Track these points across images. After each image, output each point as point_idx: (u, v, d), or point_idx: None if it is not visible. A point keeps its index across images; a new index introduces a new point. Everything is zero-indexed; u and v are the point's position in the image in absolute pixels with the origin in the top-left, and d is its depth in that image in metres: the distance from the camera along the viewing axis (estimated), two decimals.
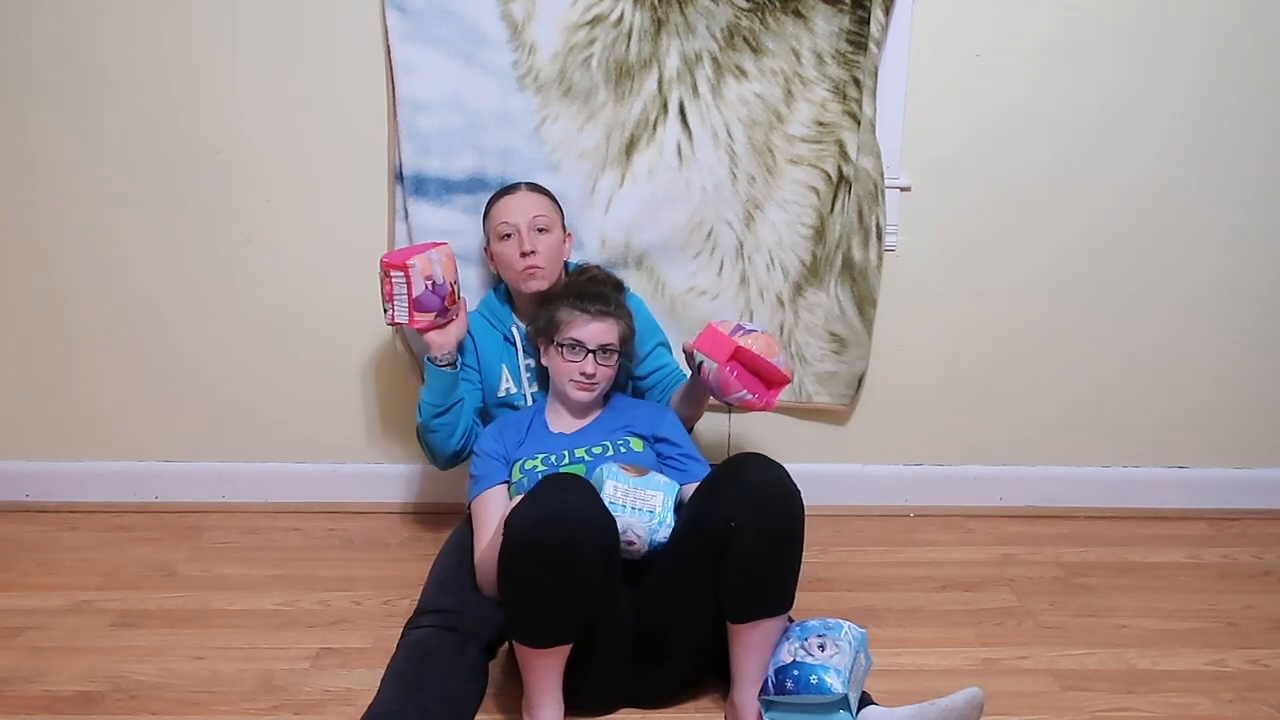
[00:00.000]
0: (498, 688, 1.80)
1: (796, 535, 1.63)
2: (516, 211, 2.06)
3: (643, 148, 2.25)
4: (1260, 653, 1.92)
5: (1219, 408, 2.48)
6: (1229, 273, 2.39)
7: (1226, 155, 2.31)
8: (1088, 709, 1.75)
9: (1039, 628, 2.00)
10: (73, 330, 2.43)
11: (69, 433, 2.50)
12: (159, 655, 1.90)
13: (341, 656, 1.90)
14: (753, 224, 2.31)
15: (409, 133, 2.22)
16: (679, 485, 1.81)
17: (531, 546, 1.53)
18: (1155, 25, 2.23)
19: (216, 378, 2.45)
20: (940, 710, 1.51)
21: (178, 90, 2.26)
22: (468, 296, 2.28)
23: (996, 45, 2.24)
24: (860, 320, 2.36)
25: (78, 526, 2.43)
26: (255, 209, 2.34)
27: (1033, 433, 2.50)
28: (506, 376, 2.13)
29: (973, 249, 2.37)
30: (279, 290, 2.39)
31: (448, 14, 2.16)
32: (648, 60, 2.21)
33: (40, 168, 2.32)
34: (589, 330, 1.95)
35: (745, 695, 1.65)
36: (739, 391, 1.90)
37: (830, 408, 2.46)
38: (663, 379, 2.19)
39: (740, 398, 1.90)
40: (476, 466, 1.98)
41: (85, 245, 2.37)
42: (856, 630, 1.61)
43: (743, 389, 1.90)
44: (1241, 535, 2.41)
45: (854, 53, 2.20)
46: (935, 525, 2.46)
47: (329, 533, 2.40)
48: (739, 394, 1.90)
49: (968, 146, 2.30)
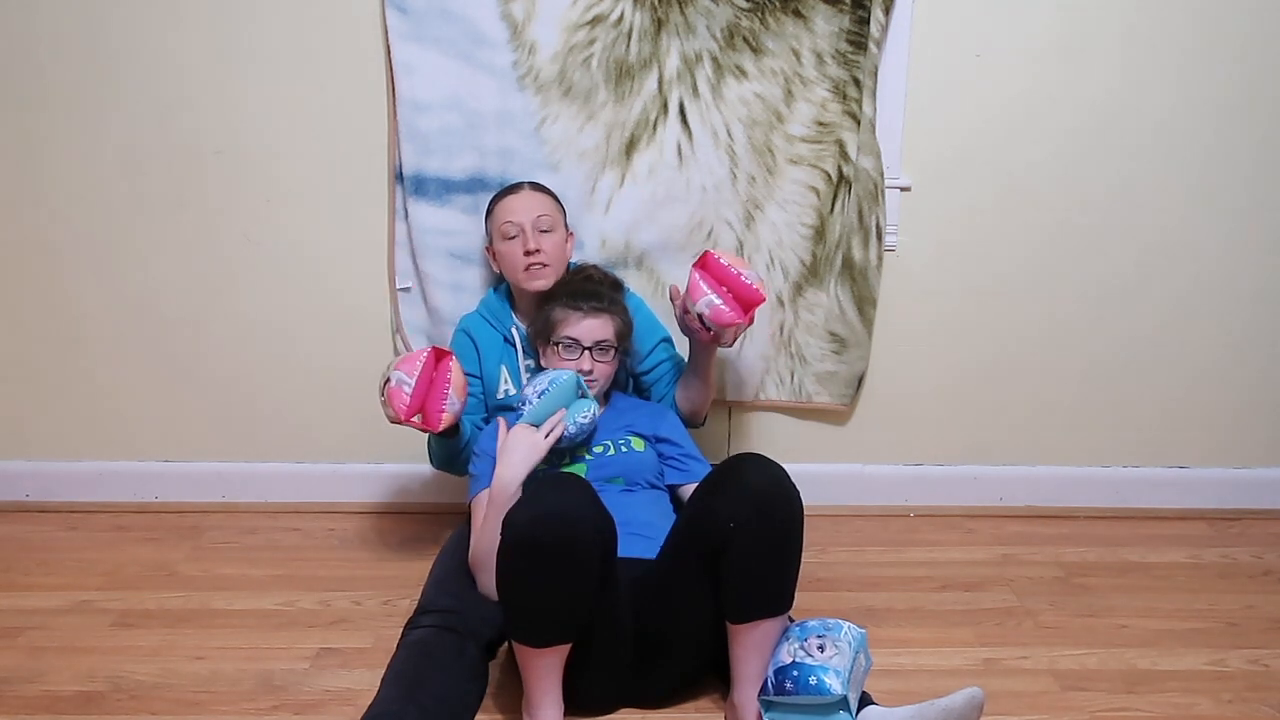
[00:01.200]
0: (498, 688, 1.80)
1: (796, 536, 1.63)
2: (521, 211, 2.07)
3: (643, 148, 2.25)
4: (1260, 653, 1.92)
5: (1219, 408, 2.48)
6: (1229, 272, 2.39)
7: (1226, 153, 2.31)
8: (1088, 709, 1.75)
9: (1039, 628, 2.00)
10: (73, 330, 2.43)
11: (69, 433, 2.50)
12: (159, 655, 1.90)
13: (341, 656, 1.90)
14: (753, 224, 2.31)
15: (409, 133, 2.22)
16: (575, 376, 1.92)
17: (530, 545, 1.53)
18: (1153, 25, 2.23)
19: (217, 378, 2.46)
20: (940, 710, 1.51)
21: (178, 90, 2.26)
22: (468, 296, 2.28)
23: (996, 45, 2.24)
24: (860, 320, 2.36)
25: (78, 526, 2.43)
26: (255, 209, 2.34)
27: (1033, 433, 2.50)
28: (506, 378, 2.13)
29: (972, 249, 2.37)
30: (279, 290, 2.39)
31: (448, 14, 2.16)
32: (648, 60, 2.21)
33: (40, 168, 2.32)
34: (583, 327, 1.96)
35: (745, 695, 1.65)
36: (705, 295, 1.91)
37: (830, 408, 2.46)
38: (666, 372, 2.19)
39: (709, 302, 1.91)
40: (476, 466, 1.98)
41: (85, 245, 2.37)
42: (856, 631, 1.61)
43: (712, 293, 1.91)
44: (1241, 535, 2.41)
45: (854, 53, 2.20)
46: (935, 525, 2.46)
47: (329, 533, 2.40)
48: (706, 298, 1.91)
49: (967, 146, 2.30)
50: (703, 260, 1.96)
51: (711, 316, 1.92)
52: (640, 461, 1.98)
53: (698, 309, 1.92)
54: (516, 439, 1.87)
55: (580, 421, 1.91)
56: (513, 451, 1.86)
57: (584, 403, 1.93)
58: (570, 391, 1.91)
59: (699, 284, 1.93)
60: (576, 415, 1.91)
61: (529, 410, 1.88)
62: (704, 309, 1.92)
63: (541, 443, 1.86)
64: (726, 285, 1.93)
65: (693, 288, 1.93)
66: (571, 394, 1.91)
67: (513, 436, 1.87)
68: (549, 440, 1.87)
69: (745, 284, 1.92)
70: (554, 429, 1.88)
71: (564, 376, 1.90)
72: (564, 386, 1.89)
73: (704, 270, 1.95)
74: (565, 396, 1.90)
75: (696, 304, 1.92)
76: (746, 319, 1.95)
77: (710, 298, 1.91)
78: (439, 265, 2.29)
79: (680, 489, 2.01)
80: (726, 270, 1.92)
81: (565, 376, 1.90)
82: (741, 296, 1.93)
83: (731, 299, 1.93)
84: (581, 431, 1.92)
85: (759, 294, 1.93)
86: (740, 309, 1.93)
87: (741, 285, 1.92)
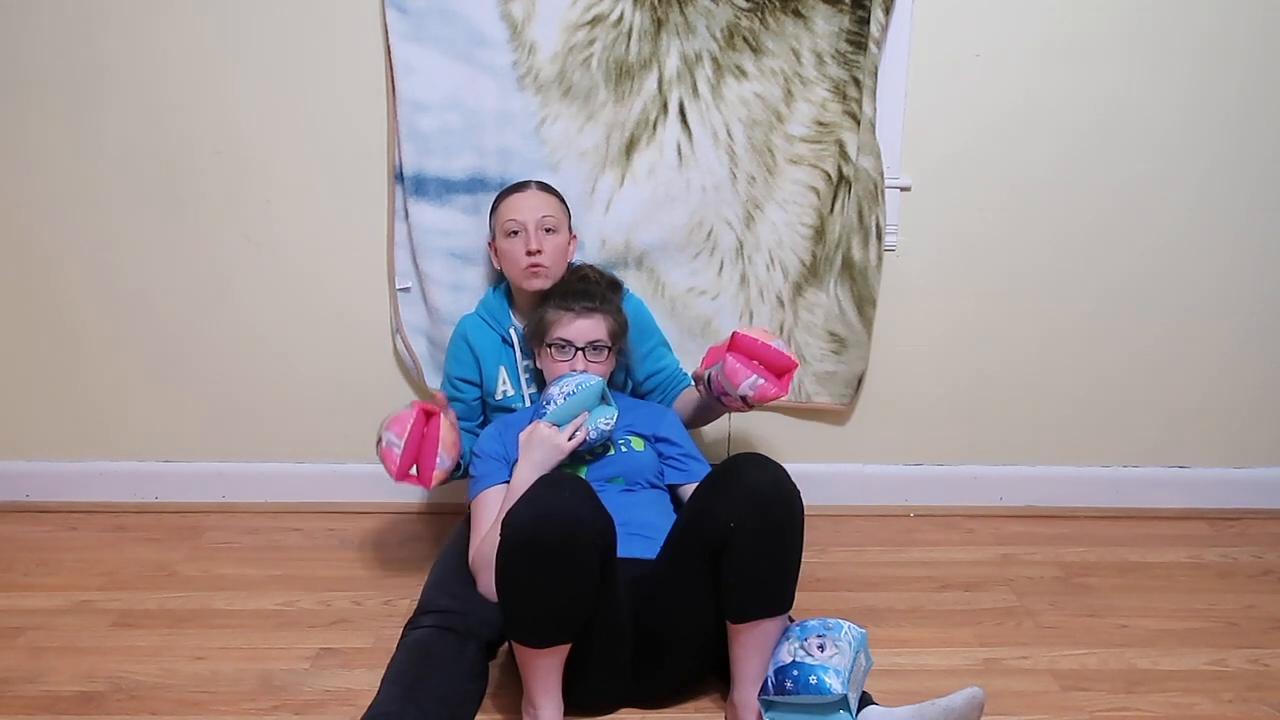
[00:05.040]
0: (497, 688, 1.80)
1: (796, 535, 1.63)
2: (526, 210, 2.06)
3: (643, 148, 2.25)
4: (1260, 653, 1.92)
5: (1219, 408, 2.48)
6: (1229, 273, 2.39)
7: (1226, 155, 2.31)
8: (1088, 709, 1.75)
9: (1039, 628, 2.00)
10: (72, 330, 2.43)
11: (69, 433, 2.50)
12: (159, 655, 1.90)
13: (341, 656, 1.90)
14: (753, 224, 2.31)
15: (409, 133, 2.23)
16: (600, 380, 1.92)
17: (529, 545, 1.53)
18: (1155, 25, 2.23)
19: (216, 378, 2.46)
20: (940, 710, 1.51)
21: (177, 90, 2.26)
22: (468, 296, 2.28)
23: (996, 45, 2.24)
24: (860, 320, 2.36)
25: (78, 526, 2.43)
26: (255, 209, 2.34)
27: (1033, 433, 2.50)
28: (504, 378, 2.13)
29: (973, 249, 2.37)
30: (279, 290, 2.39)
31: (448, 14, 2.16)
32: (648, 60, 2.21)
33: (40, 168, 2.32)
34: (575, 328, 1.96)
35: (745, 695, 1.65)
36: (749, 378, 1.90)
37: (830, 408, 2.46)
38: (663, 381, 2.20)
39: (753, 384, 1.91)
40: (476, 467, 1.98)
41: (85, 245, 2.37)
42: (856, 630, 1.61)
43: (752, 374, 1.90)
44: (1241, 535, 2.41)
45: (854, 53, 2.20)
46: (935, 525, 2.46)
47: (329, 533, 2.40)
48: (750, 380, 1.91)
49: (968, 146, 2.30)
50: (732, 342, 1.94)
51: (756, 397, 1.93)
52: (640, 462, 1.98)
53: (740, 392, 1.93)
54: (540, 438, 1.86)
55: (602, 427, 1.91)
56: (535, 450, 1.85)
57: (607, 408, 1.93)
58: (595, 396, 1.90)
59: (737, 368, 1.92)
60: (599, 420, 1.91)
61: (552, 410, 1.87)
62: (748, 391, 1.92)
63: (565, 445, 1.86)
64: (759, 359, 1.93)
65: (732, 373, 1.92)
66: (596, 398, 1.91)
67: (536, 435, 1.86)
68: (572, 444, 1.86)
69: (777, 352, 1.92)
70: (577, 432, 1.87)
71: (591, 380, 1.89)
72: (590, 391, 1.89)
73: (736, 351, 1.93)
74: (590, 400, 1.89)
75: (739, 387, 1.92)
76: (786, 389, 1.95)
77: (753, 379, 1.91)
78: (439, 265, 2.29)
79: (680, 489, 2.01)
80: (755, 343, 1.92)
81: (593, 381, 1.89)
82: (775, 365, 1.93)
83: (769, 373, 1.93)
84: (601, 437, 1.92)
85: (792, 360, 1.94)
86: (776, 378, 1.94)
87: (774, 354, 1.92)
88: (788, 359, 1.93)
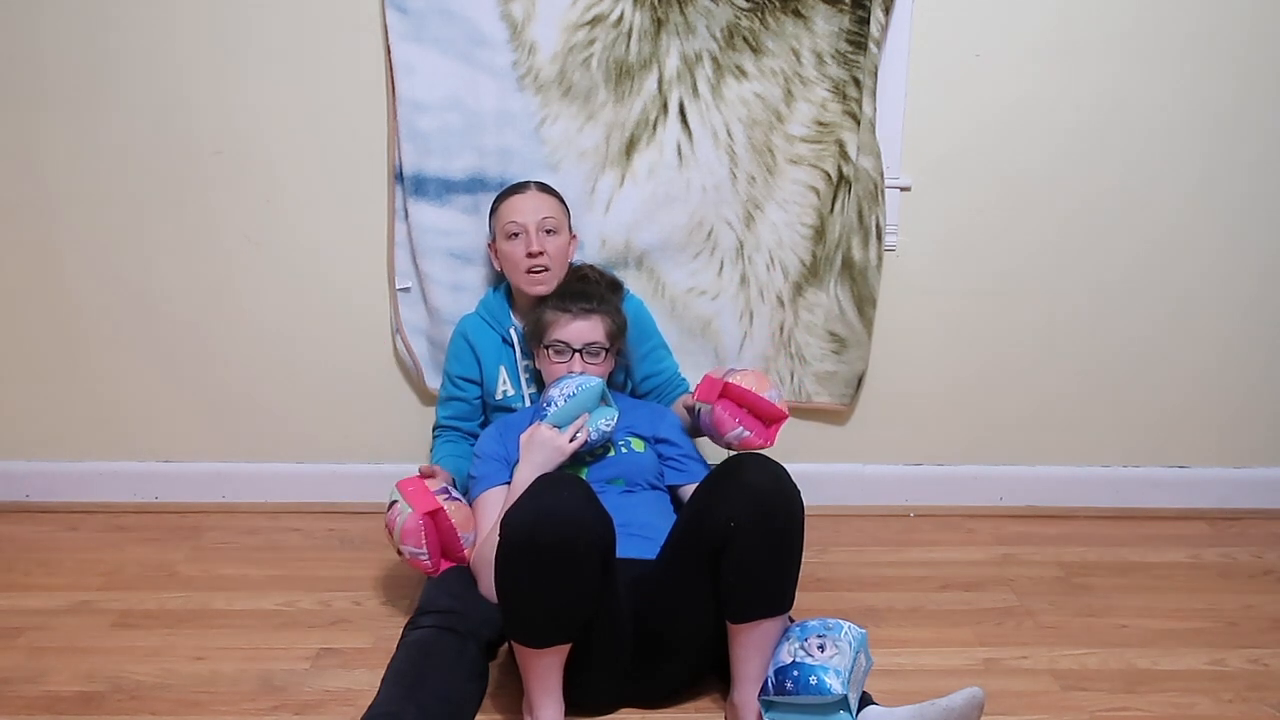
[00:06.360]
0: (497, 687, 1.80)
1: (796, 535, 1.63)
2: (526, 211, 2.06)
3: (643, 148, 2.25)
4: (1260, 652, 1.92)
5: (1219, 407, 2.48)
6: (1228, 271, 2.39)
7: (1225, 153, 2.31)
8: (1088, 709, 1.75)
9: (1039, 628, 2.00)
10: (73, 330, 2.43)
11: (69, 433, 2.50)
12: (159, 655, 1.90)
13: (341, 656, 1.90)
14: (753, 224, 2.31)
15: (409, 133, 2.22)
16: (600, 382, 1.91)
17: (528, 546, 1.53)
18: (1152, 25, 2.23)
19: (217, 378, 2.46)
20: (940, 710, 1.51)
21: (178, 90, 2.26)
22: (468, 296, 2.28)
23: (995, 45, 2.24)
24: (860, 320, 2.36)
25: (78, 526, 2.43)
26: (255, 209, 2.34)
27: (1033, 432, 2.50)
28: (504, 379, 2.13)
29: (972, 248, 2.37)
30: (279, 290, 2.39)
31: (448, 14, 2.16)
32: (648, 60, 2.21)
33: (40, 168, 2.32)
34: (572, 330, 1.96)
35: (745, 695, 1.65)
36: (735, 429, 1.93)
37: (830, 407, 2.46)
38: (660, 384, 2.20)
39: (738, 435, 1.93)
40: (477, 468, 1.98)
41: (85, 245, 2.37)
42: (856, 631, 1.61)
43: (739, 426, 1.92)
44: (1241, 535, 2.41)
45: (854, 53, 2.20)
46: (935, 525, 2.46)
47: (329, 533, 2.40)
48: (736, 432, 1.93)
49: (967, 146, 2.30)
50: (723, 389, 1.94)
51: (740, 446, 1.94)
52: (640, 462, 1.98)
53: (726, 440, 1.95)
54: (541, 439, 1.85)
55: (603, 429, 1.90)
56: (536, 452, 1.85)
57: (607, 410, 1.92)
58: (596, 397, 1.89)
59: (724, 418, 1.93)
60: (599, 421, 1.90)
61: (553, 411, 1.86)
62: (733, 441, 1.94)
63: (566, 446, 1.85)
64: (749, 407, 1.94)
65: (719, 422, 1.93)
66: (596, 400, 1.90)
67: (537, 436, 1.86)
68: (573, 445, 1.86)
69: (768, 403, 1.93)
70: (578, 434, 1.87)
71: (592, 382, 1.89)
72: (591, 392, 1.88)
73: (726, 399, 1.94)
74: (590, 402, 1.89)
75: (725, 436, 1.94)
76: (772, 440, 1.96)
77: (739, 431, 1.93)
78: (439, 265, 2.29)
79: (680, 489, 2.01)
80: (746, 394, 1.92)
81: (593, 382, 1.89)
82: (765, 415, 1.94)
83: (757, 423, 1.95)
84: (602, 439, 1.92)
85: (783, 411, 1.94)
86: (764, 428, 1.95)
87: (764, 405, 1.93)
88: (777, 410, 1.94)
